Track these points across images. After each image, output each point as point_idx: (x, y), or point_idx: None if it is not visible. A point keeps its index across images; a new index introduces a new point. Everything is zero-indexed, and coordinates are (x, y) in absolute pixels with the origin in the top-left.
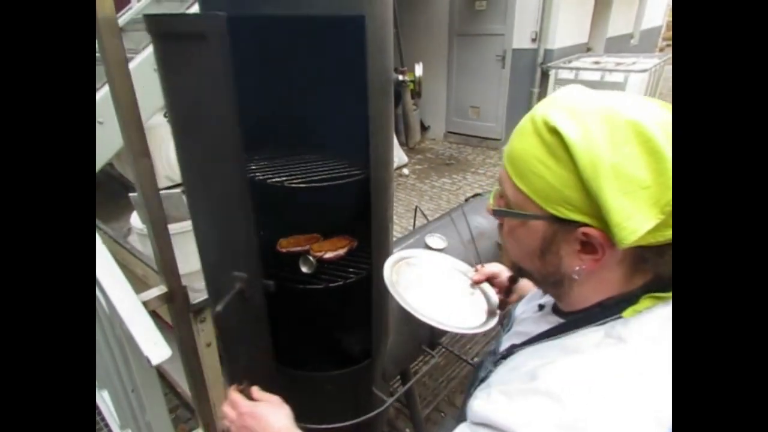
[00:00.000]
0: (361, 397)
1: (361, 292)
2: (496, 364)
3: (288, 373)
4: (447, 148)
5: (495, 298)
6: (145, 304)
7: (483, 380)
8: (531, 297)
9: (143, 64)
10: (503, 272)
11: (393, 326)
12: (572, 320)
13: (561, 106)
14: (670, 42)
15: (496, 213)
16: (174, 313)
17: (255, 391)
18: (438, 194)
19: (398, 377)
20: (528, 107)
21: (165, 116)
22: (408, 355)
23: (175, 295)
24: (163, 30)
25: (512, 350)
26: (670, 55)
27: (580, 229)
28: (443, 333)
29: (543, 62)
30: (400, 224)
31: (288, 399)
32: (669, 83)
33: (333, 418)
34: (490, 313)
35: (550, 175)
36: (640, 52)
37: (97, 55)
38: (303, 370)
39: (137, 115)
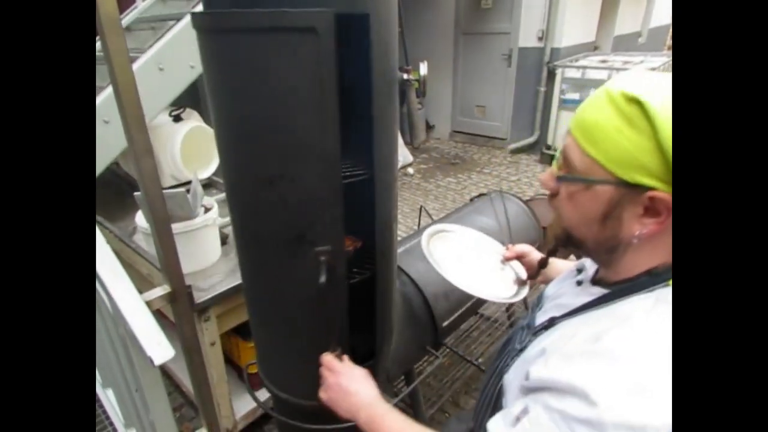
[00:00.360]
0: None
1: (365, 293)
2: (536, 334)
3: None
4: (452, 147)
5: (524, 273)
6: (148, 303)
7: (521, 351)
8: (564, 277)
9: (149, 63)
10: (533, 252)
11: (397, 327)
12: (619, 289)
13: (636, 82)
14: None
15: (561, 179)
16: (177, 313)
17: (346, 359)
18: (443, 194)
19: (402, 378)
20: (534, 106)
21: (170, 115)
22: (412, 355)
23: (179, 295)
24: (256, 25)
25: (553, 322)
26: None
27: (648, 193)
28: (448, 333)
29: (549, 61)
30: (405, 224)
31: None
32: None
33: (336, 420)
34: (521, 285)
35: (627, 143)
36: (648, 50)
37: (102, 53)
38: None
39: (140, 112)
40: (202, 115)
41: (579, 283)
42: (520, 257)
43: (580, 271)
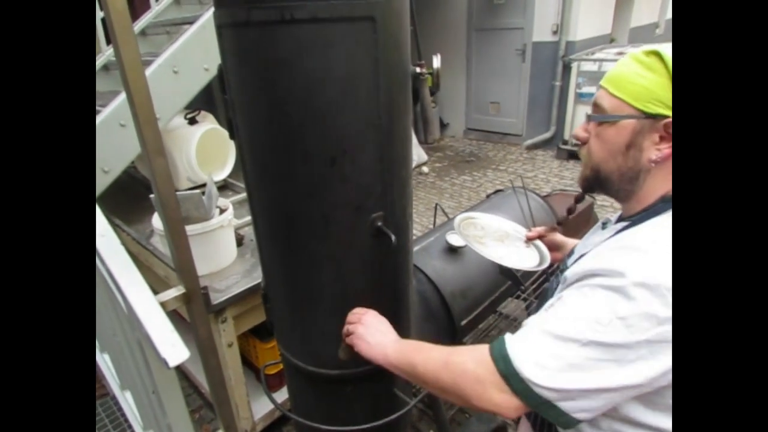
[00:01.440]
0: (383, 399)
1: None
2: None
3: (307, 373)
4: (467, 144)
5: (546, 249)
6: (163, 305)
7: (556, 289)
8: (590, 233)
9: (163, 66)
10: (553, 232)
11: (414, 326)
12: (638, 218)
13: (652, 46)
14: None
15: (592, 118)
16: (192, 314)
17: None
18: (459, 192)
19: None
20: (550, 101)
21: (185, 118)
22: None
23: (193, 296)
24: (324, 15)
25: (582, 257)
26: None
27: (663, 121)
28: (466, 332)
29: (565, 55)
30: (420, 222)
31: (307, 401)
32: None
33: (354, 421)
34: (543, 259)
35: (646, 82)
36: (666, 41)
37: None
38: (324, 368)
39: (152, 112)
40: (217, 118)
41: (604, 225)
42: (541, 237)
43: (605, 224)
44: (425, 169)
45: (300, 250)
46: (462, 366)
